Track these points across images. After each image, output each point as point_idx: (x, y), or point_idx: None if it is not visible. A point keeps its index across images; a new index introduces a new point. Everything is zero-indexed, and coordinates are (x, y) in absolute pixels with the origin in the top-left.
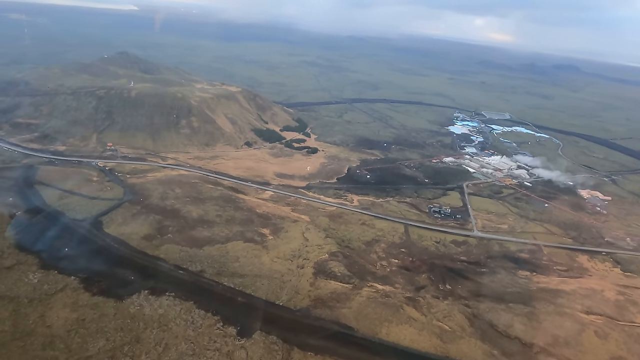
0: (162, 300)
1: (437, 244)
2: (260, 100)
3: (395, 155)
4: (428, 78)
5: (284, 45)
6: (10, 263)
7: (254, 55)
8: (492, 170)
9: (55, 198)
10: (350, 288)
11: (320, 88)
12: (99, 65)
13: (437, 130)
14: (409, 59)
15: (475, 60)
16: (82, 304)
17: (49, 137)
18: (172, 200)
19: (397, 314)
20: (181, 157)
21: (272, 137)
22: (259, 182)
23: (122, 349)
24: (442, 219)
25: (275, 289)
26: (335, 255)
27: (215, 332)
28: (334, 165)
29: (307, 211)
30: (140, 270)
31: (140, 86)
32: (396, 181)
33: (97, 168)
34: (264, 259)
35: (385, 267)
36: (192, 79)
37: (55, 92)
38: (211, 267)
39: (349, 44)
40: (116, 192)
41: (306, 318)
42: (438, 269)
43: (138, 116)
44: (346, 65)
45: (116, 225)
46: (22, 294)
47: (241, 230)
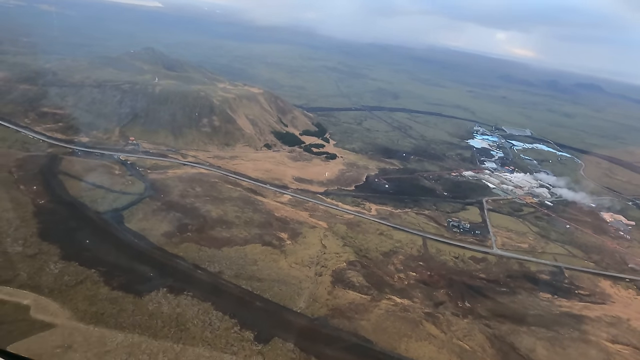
0: (181, 299)
1: (455, 259)
2: (281, 102)
3: (414, 166)
4: (448, 89)
5: (305, 49)
6: (32, 252)
7: (275, 58)
8: (513, 187)
9: (78, 189)
10: (369, 299)
11: (339, 94)
12: (125, 59)
13: (457, 143)
14: (429, 70)
15: (496, 74)
16: (102, 298)
17: (73, 128)
18: (192, 199)
19: (416, 329)
20: (201, 155)
21: (291, 141)
22: (278, 185)
23: (140, 346)
24: (461, 234)
25: (293, 295)
26: (354, 265)
27: (233, 336)
28: (353, 172)
29: (325, 217)
30: (160, 267)
31: (164, 82)
32: (415, 192)
33: (119, 161)
34: (281, 264)
35: (403, 279)
36: (214, 78)
37: (82, 84)
38: (229, 268)
39: (369, 51)
40: (137, 187)
41: (324, 327)
42: (457, 285)
43: (161, 112)
44: (366, 72)
45: (137, 220)
46: (43, 283)
47: (259, 233)
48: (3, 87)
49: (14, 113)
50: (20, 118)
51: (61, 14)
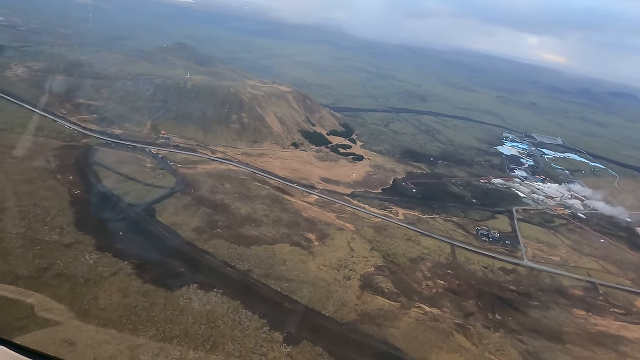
0: (211, 296)
1: (484, 269)
2: (309, 101)
3: (442, 171)
4: (476, 94)
5: (333, 48)
6: (69, 241)
7: (303, 56)
8: (544, 197)
9: (111, 180)
10: (398, 307)
11: (366, 94)
12: (158, 54)
13: (486, 150)
14: (458, 73)
15: (526, 80)
16: (134, 290)
17: (107, 119)
18: (221, 195)
19: (447, 340)
20: (230, 151)
21: (318, 140)
22: (305, 185)
23: (171, 341)
24: (490, 243)
25: (322, 298)
26: (382, 270)
27: (262, 336)
28: (380, 175)
29: (352, 220)
30: (190, 262)
31: (195, 78)
32: (443, 198)
33: (151, 155)
34: (310, 265)
35: (431, 287)
36: (244, 75)
37: (116, 77)
38: (258, 267)
39: (397, 52)
40: (168, 181)
41: (353, 333)
42: (486, 296)
43: (191, 107)
44: (393, 74)
45: (168, 214)
46: (79, 273)
47: (288, 232)
48: (42, 78)
49: (52, 103)
50: (57, 108)
51: (96, 7)
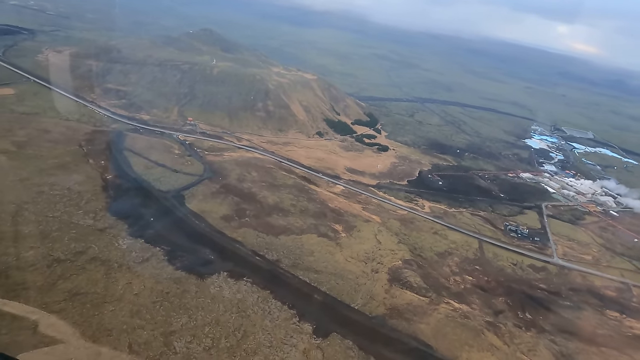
0: (241, 285)
1: (513, 265)
2: (334, 90)
3: (469, 164)
4: (503, 84)
5: (356, 35)
6: (102, 225)
7: (326, 44)
8: (574, 193)
9: (142, 166)
10: (427, 302)
11: (391, 83)
12: (185, 40)
13: (514, 142)
14: (484, 62)
15: (555, 70)
16: (166, 277)
17: (135, 105)
18: (248, 183)
19: (477, 338)
20: (255, 139)
21: (343, 130)
22: (330, 175)
23: (203, 329)
24: (519, 240)
25: (350, 290)
26: (409, 264)
27: (292, 327)
28: (405, 166)
29: (378, 212)
30: (220, 250)
31: (221, 64)
32: (469, 191)
33: (178, 141)
34: (337, 257)
35: (459, 283)
36: (269, 62)
37: (144, 62)
38: (287, 257)
39: (421, 40)
40: (196, 168)
41: (382, 327)
42: (516, 294)
43: (217, 94)
44: (418, 62)
45: (197, 201)
46: (113, 258)
47: (315, 223)
48: (72, 63)
49: (82, 88)
50: (87, 93)
51: None
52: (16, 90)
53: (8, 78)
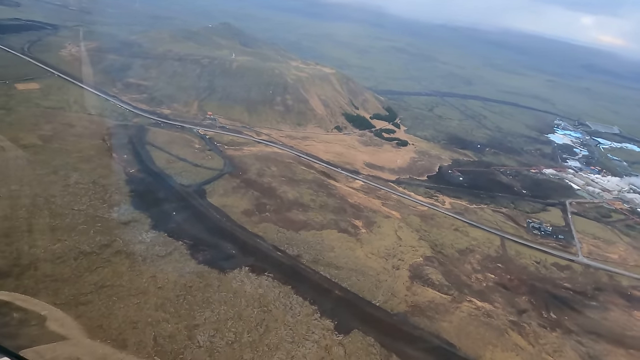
0: (262, 279)
1: (537, 264)
2: (353, 84)
3: (490, 159)
4: (525, 77)
5: (373, 28)
6: (126, 219)
7: (343, 37)
8: (600, 190)
9: (163, 161)
10: (449, 300)
11: (409, 77)
12: (204, 34)
13: (536, 137)
14: (504, 55)
15: (579, 63)
16: (189, 271)
17: (156, 99)
18: (268, 178)
19: (501, 338)
20: (274, 133)
21: (362, 124)
22: (349, 170)
23: (226, 323)
24: (542, 237)
25: (371, 287)
26: (431, 261)
27: (314, 323)
28: (425, 161)
29: (398, 207)
30: (241, 245)
31: (241, 59)
32: (491, 187)
33: (198, 135)
34: (358, 253)
35: (481, 281)
36: (287, 56)
37: (164, 57)
38: (307, 253)
39: (440, 32)
40: (217, 162)
41: (404, 325)
42: (539, 292)
43: (237, 88)
44: (436, 55)
45: (218, 196)
46: (137, 251)
47: (335, 218)
48: (95, 57)
49: (104, 82)
50: (109, 87)
51: None
52: (41, 84)
53: (33, 73)
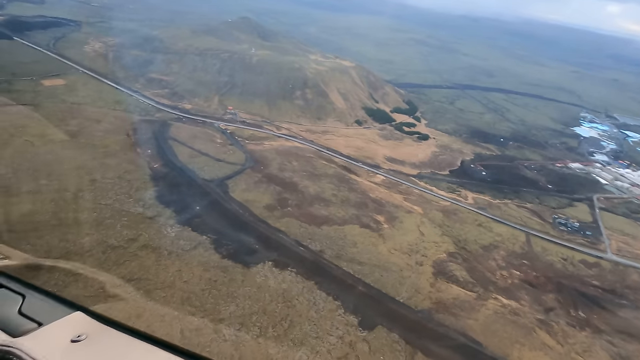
0: (285, 274)
1: (564, 261)
2: (373, 77)
3: (514, 153)
4: (549, 69)
5: (393, 20)
6: (152, 214)
7: (362, 29)
8: (629, 185)
9: (186, 155)
10: (474, 297)
11: (429, 69)
12: (224, 28)
13: (561, 131)
14: (527, 46)
15: (605, 53)
16: (214, 265)
17: (178, 94)
18: (290, 173)
19: (529, 336)
20: (294, 128)
21: (382, 118)
22: (370, 164)
23: (251, 317)
24: (569, 233)
25: (395, 283)
26: (454, 257)
27: (337, 318)
28: (446, 155)
29: (420, 202)
30: (264, 240)
31: (260, 53)
32: (515, 182)
33: (219, 130)
34: (380, 249)
35: (506, 278)
36: (306, 50)
37: (185, 52)
38: (330, 248)
39: (460, 23)
40: (238, 157)
41: (429, 322)
42: (567, 290)
43: (257, 83)
44: (457, 47)
45: (240, 190)
46: (163, 245)
47: (356, 213)
48: (117, 53)
49: (127, 78)
50: (132, 83)
51: None
52: (66, 80)
53: (58, 69)
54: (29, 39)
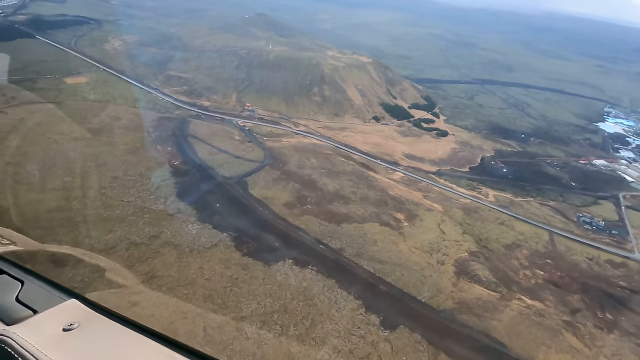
0: (306, 272)
1: (589, 260)
2: (391, 73)
3: (535, 150)
4: (571, 63)
5: (409, 14)
6: (173, 211)
7: (378, 24)
8: None
9: (205, 153)
10: (498, 297)
11: (447, 64)
12: (240, 25)
13: (584, 126)
14: (548, 40)
15: (631, 46)
16: (234, 263)
17: (196, 91)
18: (308, 170)
19: (555, 339)
20: (311, 124)
21: (400, 114)
22: (388, 161)
23: (272, 316)
24: (594, 232)
25: (416, 282)
26: (476, 256)
27: (359, 318)
28: (466, 152)
29: (440, 200)
30: (284, 237)
31: (277, 49)
32: (537, 180)
33: (238, 127)
34: (401, 247)
35: (530, 277)
36: (323, 45)
37: (202, 49)
38: (350, 246)
39: (479, 17)
40: (257, 154)
41: (451, 322)
42: (593, 291)
43: (274, 79)
44: (476, 42)
45: (259, 188)
46: (184, 242)
47: (376, 211)
48: (136, 50)
49: (146, 75)
50: (151, 80)
51: None
52: (88, 78)
53: (80, 67)
54: (51, 37)
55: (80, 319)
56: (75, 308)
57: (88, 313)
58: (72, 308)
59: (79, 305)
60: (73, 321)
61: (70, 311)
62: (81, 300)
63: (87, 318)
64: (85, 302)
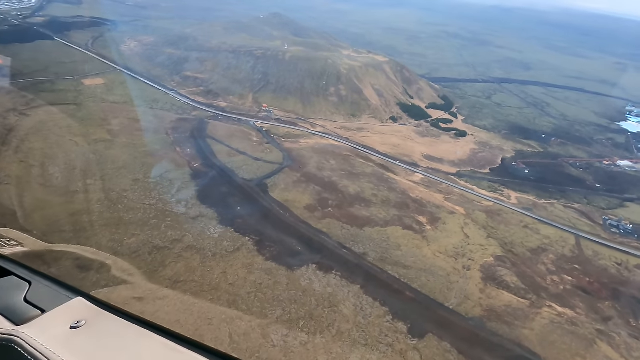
0: (330, 278)
1: (618, 265)
2: (407, 72)
3: (557, 150)
4: (590, 61)
5: (424, 12)
6: (194, 214)
7: (393, 23)
8: None
9: (224, 154)
10: (528, 305)
11: (463, 63)
12: (255, 25)
13: (606, 126)
14: (566, 37)
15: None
16: (258, 267)
17: (212, 92)
18: (328, 172)
19: (590, 349)
20: (328, 125)
21: (417, 114)
22: (407, 163)
23: (298, 322)
24: (622, 236)
25: (443, 288)
26: (502, 261)
27: (386, 325)
28: (486, 153)
29: (462, 202)
30: (306, 242)
31: (293, 49)
32: (560, 181)
33: (255, 128)
34: (425, 252)
35: (558, 283)
36: (338, 45)
37: (218, 50)
38: (374, 251)
39: (494, 15)
40: (275, 156)
41: (481, 331)
42: (624, 298)
43: (290, 79)
44: (491, 40)
45: (280, 190)
46: (207, 247)
47: (398, 214)
48: (152, 51)
49: (162, 76)
50: (167, 81)
51: None
52: (105, 80)
53: (98, 68)
54: (68, 39)
55: (86, 317)
56: (82, 306)
57: (94, 310)
58: (79, 306)
59: (85, 303)
60: (80, 319)
61: (77, 309)
62: (87, 298)
63: (93, 315)
64: (92, 299)
